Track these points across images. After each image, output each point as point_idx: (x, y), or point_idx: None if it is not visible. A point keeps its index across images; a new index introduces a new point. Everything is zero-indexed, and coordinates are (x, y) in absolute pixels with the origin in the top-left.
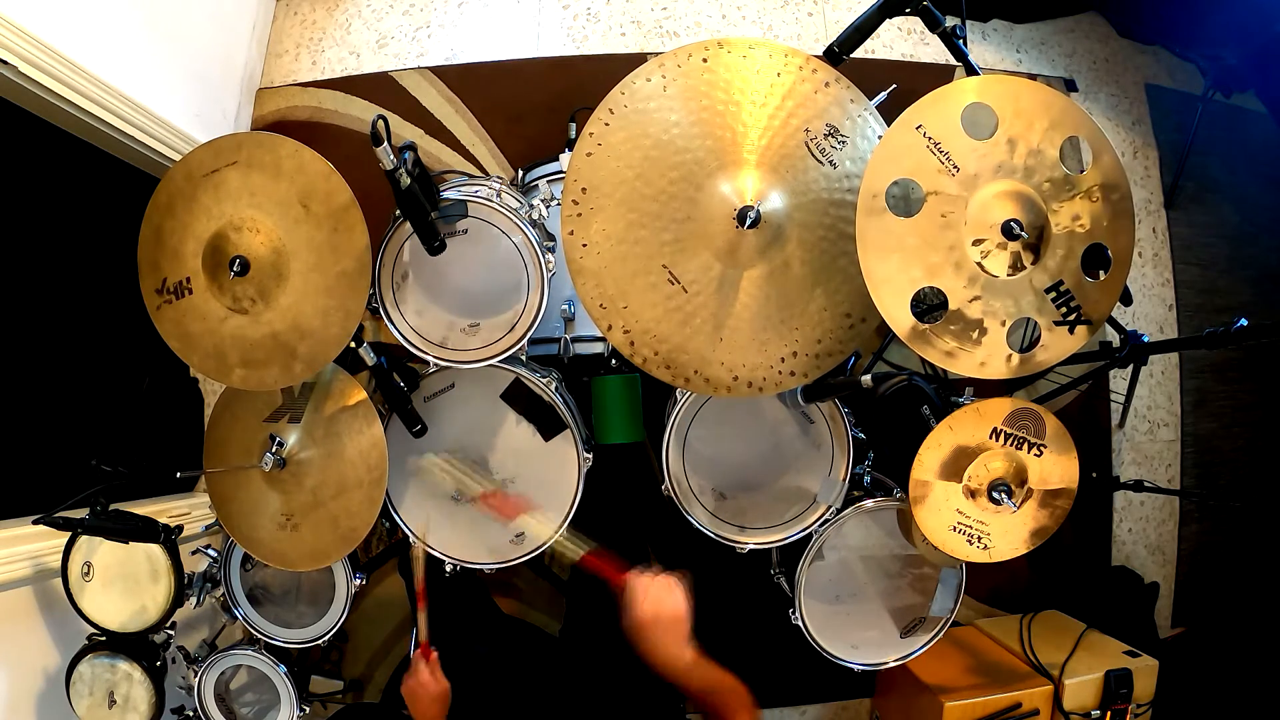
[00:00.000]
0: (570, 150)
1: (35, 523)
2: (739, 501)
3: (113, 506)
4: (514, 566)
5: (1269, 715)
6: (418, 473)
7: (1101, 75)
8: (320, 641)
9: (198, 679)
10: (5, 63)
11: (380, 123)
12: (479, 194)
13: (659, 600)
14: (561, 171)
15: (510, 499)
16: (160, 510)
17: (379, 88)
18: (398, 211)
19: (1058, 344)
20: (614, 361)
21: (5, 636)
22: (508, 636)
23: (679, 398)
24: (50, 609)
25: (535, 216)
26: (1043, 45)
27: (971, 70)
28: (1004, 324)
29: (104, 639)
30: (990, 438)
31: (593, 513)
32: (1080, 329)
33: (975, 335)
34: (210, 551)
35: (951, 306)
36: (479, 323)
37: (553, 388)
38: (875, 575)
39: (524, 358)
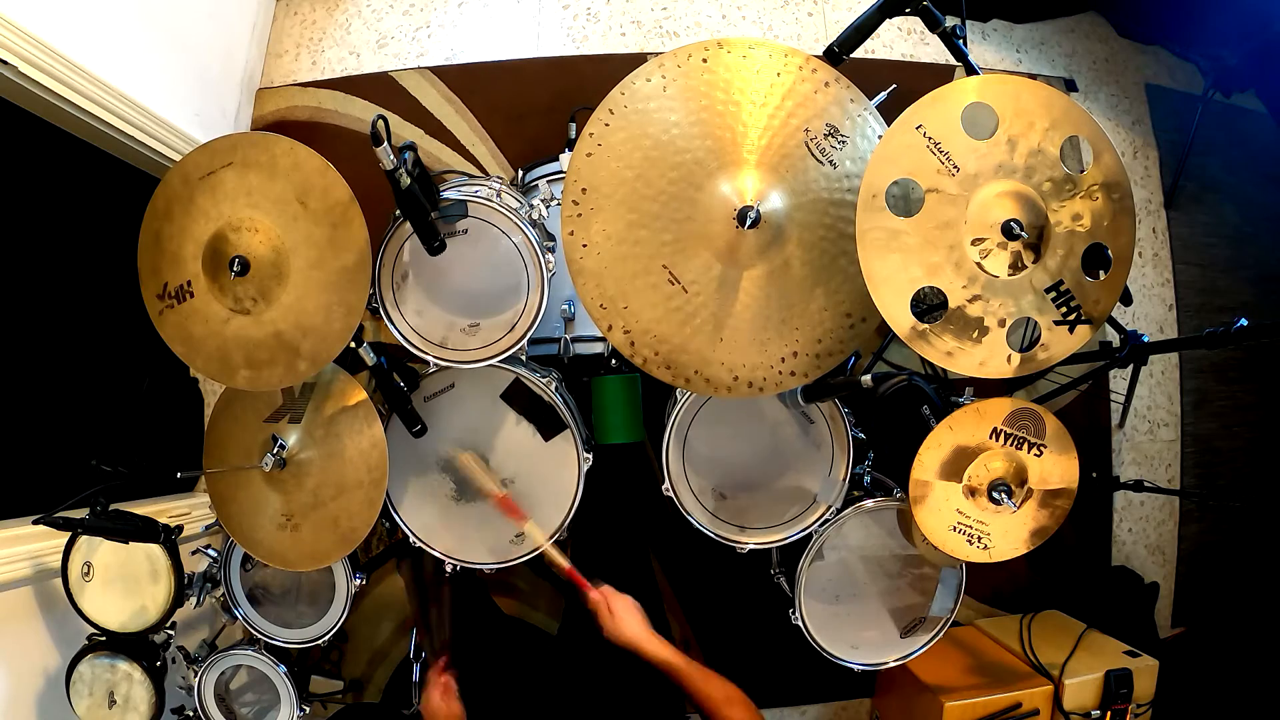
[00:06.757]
0: (570, 150)
1: (35, 523)
2: (739, 501)
3: (113, 506)
4: (514, 566)
5: (1269, 715)
6: (447, 466)
7: (1101, 75)
8: (320, 641)
9: (198, 679)
10: (5, 63)
11: (380, 123)
12: (479, 194)
13: (618, 607)
14: (561, 171)
15: (518, 505)
16: (160, 510)
17: (379, 88)
18: (398, 211)
19: (1058, 344)
20: (614, 361)
21: (5, 636)
22: (508, 636)
23: (679, 398)
24: (50, 609)
25: (535, 216)
26: (1043, 45)
27: (971, 70)
28: (1004, 324)
29: (104, 639)
30: (990, 438)
31: (593, 513)
32: (1080, 329)
33: (975, 335)
34: (210, 551)
35: (951, 306)
36: (479, 323)
37: (553, 388)
38: (875, 575)
39: (524, 358)
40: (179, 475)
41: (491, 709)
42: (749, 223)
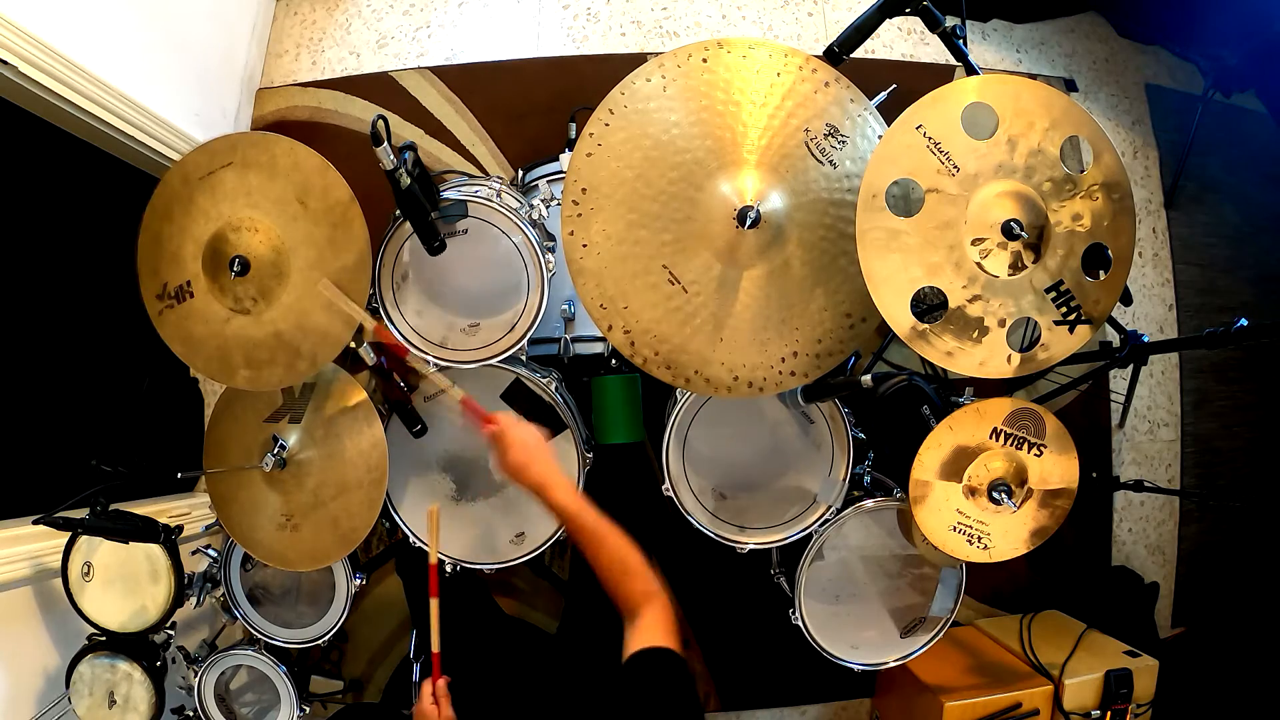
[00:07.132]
0: (570, 150)
1: (35, 523)
2: (739, 501)
3: (113, 506)
4: (514, 566)
5: (1269, 715)
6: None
7: (1101, 75)
8: (320, 641)
9: (198, 679)
10: (5, 63)
11: (380, 123)
12: (479, 194)
13: (516, 438)
14: (561, 171)
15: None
16: (160, 510)
17: (379, 88)
18: (398, 211)
19: (1058, 344)
20: (614, 361)
21: (5, 636)
22: (508, 636)
23: (679, 398)
24: (50, 609)
25: (535, 216)
26: (1043, 45)
27: (971, 70)
28: (1004, 324)
29: (104, 639)
30: (990, 438)
31: None
32: (1080, 329)
33: (975, 335)
34: (210, 551)
35: (951, 306)
36: (479, 323)
37: (553, 388)
38: (875, 575)
39: (524, 358)
40: (179, 475)
41: (490, 709)
42: (749, 223)
